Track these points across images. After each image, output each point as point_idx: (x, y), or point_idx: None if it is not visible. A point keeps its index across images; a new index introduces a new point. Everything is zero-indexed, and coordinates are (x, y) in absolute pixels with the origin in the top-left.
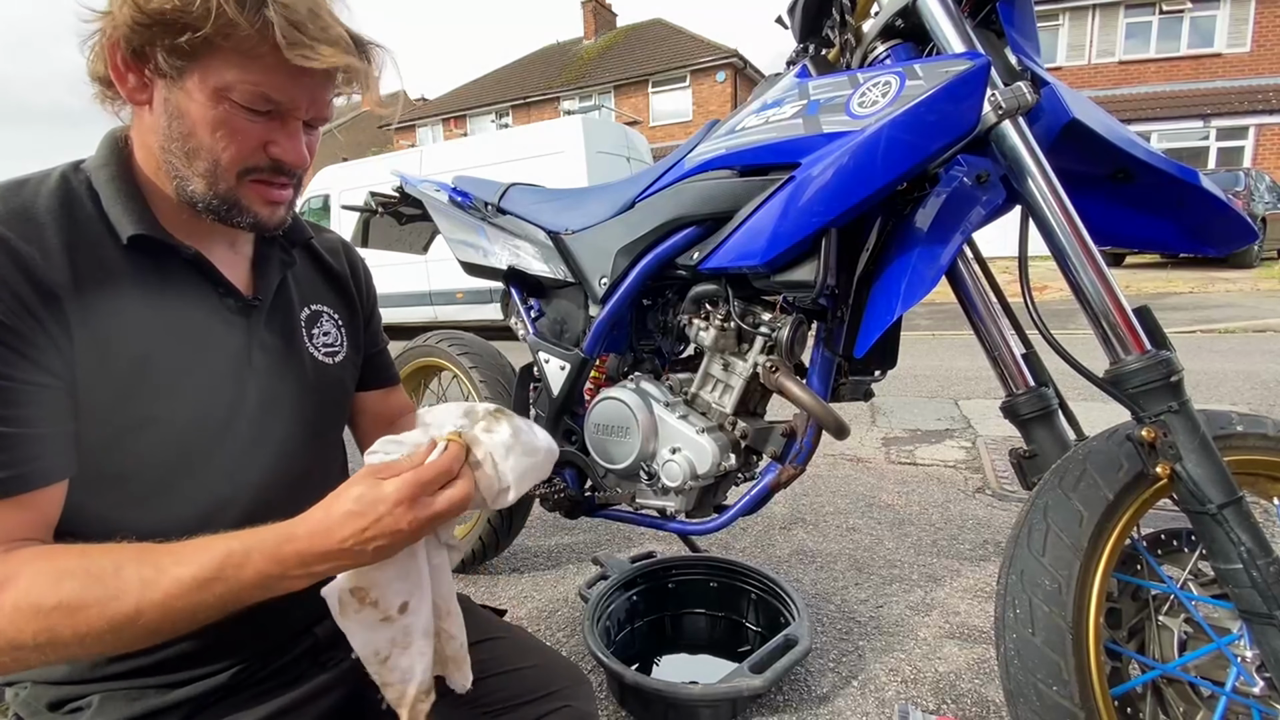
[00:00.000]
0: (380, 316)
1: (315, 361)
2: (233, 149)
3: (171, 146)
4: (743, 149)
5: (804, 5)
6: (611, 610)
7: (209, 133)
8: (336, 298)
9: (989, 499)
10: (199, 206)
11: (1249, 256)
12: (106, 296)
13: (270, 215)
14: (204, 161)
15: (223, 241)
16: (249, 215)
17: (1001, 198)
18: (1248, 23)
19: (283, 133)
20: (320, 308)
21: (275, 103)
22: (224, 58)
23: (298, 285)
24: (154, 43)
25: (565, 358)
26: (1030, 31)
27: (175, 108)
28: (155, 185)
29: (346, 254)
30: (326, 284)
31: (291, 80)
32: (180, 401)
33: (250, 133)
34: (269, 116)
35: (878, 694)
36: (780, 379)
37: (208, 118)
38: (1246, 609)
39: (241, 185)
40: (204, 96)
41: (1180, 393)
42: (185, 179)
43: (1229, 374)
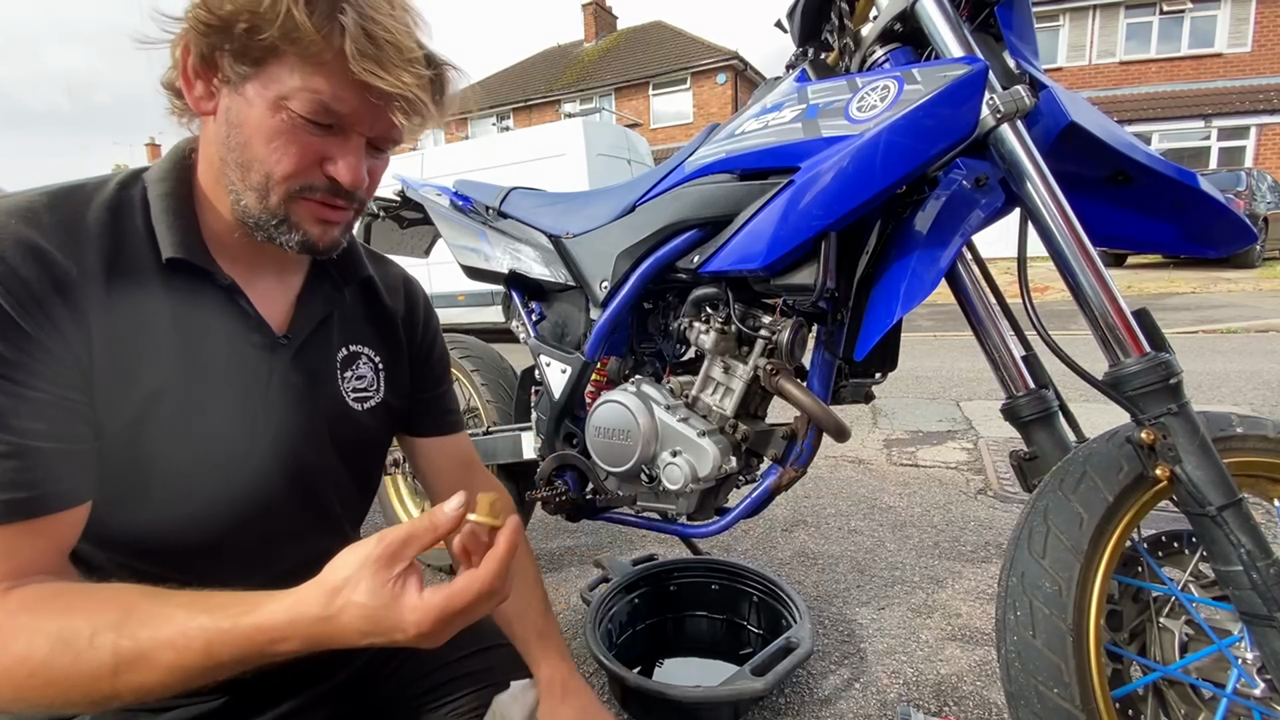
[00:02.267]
0: (444, 352)
1: (344, 405)
2: (286, 162)
3: (229, 157)
4: (742, 153)
5: (803, 9)
6: (613, 613)
7: (264, 143)
8: (381, 339)
9: (991, 500)
10: (249, 223)
11: (1251, 256)
12: (135, 318)
13: (321, 235)
14: (257, 174)
15: (271, 270)
16: (298, 233)
17: (1000, 201)
18: (1248, 23)
19: (342, 150)
20: (360, 349)
21: (337, 115)
22: (288, 64)
23: (342, 322)
24: (221, 47)
25: (566, 361)
26: (1029, 35)
27: (235, 116)
28: (212, 202)
29: (407, 291)
30: (374, 324)
31: (356, 94)
32: (187, 432)
33: (307, 147)
34: (329, 131)
35: (880, 696)
36: (781, 382)
37: (264, 127)
38: (1246, 611)
39: (293, 203)
40: (263, 104)
41: (1179, 395)
42: (239, 193)
43: (1231, 374)
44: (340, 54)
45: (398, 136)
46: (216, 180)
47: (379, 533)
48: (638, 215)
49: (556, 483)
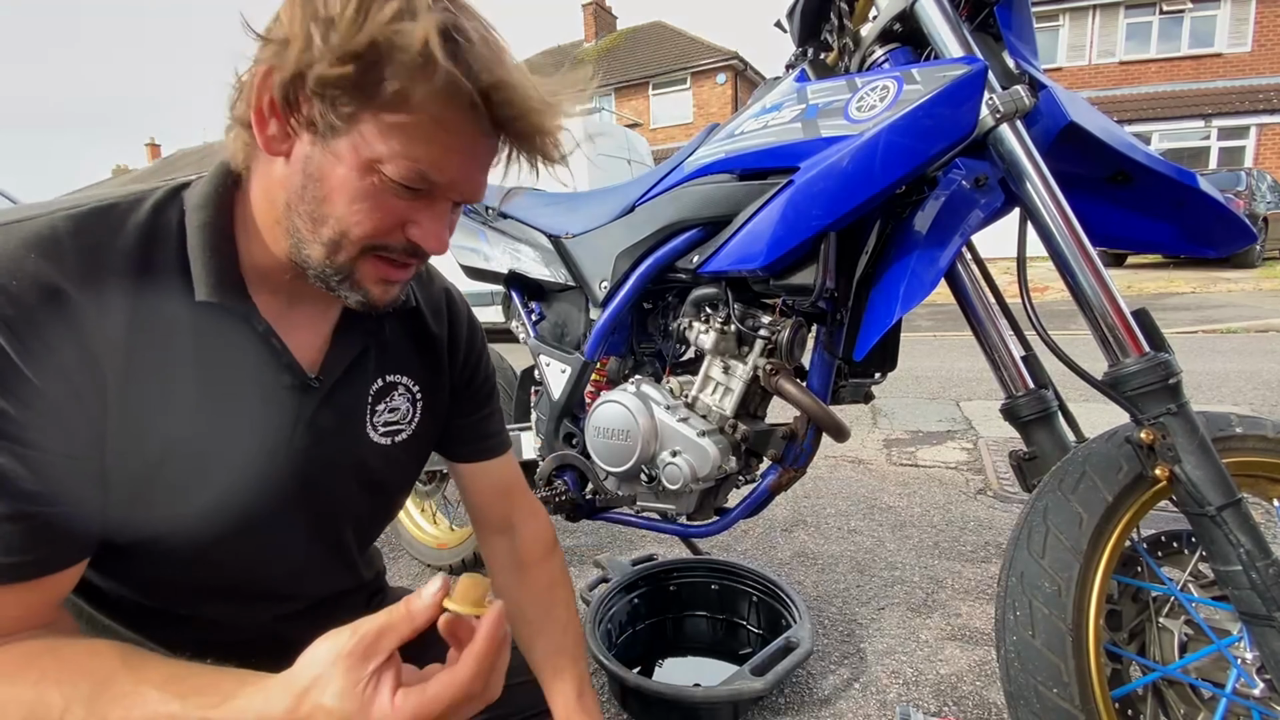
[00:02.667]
0: (490, 374)
1: (370, 442)
2: (368, 225)
3: (300, 207)
4: (742, 153)
5: (803, 9)
6: (613, 613)
7: (347, 203)
8: (422, 367)
9: (991, 500)
10: (310, 274)
11: (1251, 256)
12: (159, 362)
13: (382, 295)
14: (331, 230)
15: (309, 306)
16: (359, 292)
17: (1000, 201)
18: (1248, 22)
19: (428, 214)
20: (397, 379)
21: (431, 183)
22: (389, 126)
23: (380, 353)
24: (315, 93)
25: (566, 361)
26: (1028, 35)
27: (316, 168)
28: (259, 237)
29: (450, 312)
30: (415, 351)
31: (458, 159)
32: (206, 478)
33: (392, 211)
34: (417, 195)
35: (879, 696)
36: (780, 382)
37: (351, 188)
38: (1246, 611)
39: (363, 260)
40: (354, 163)
41: (1179, 395)
42: (304, 243)
43: (1231, 374)
44: (451, 118)
45: (481, 196)
46: (274, 220)
47: (354, 624)
48: (637, 215)
49: (556, 483)
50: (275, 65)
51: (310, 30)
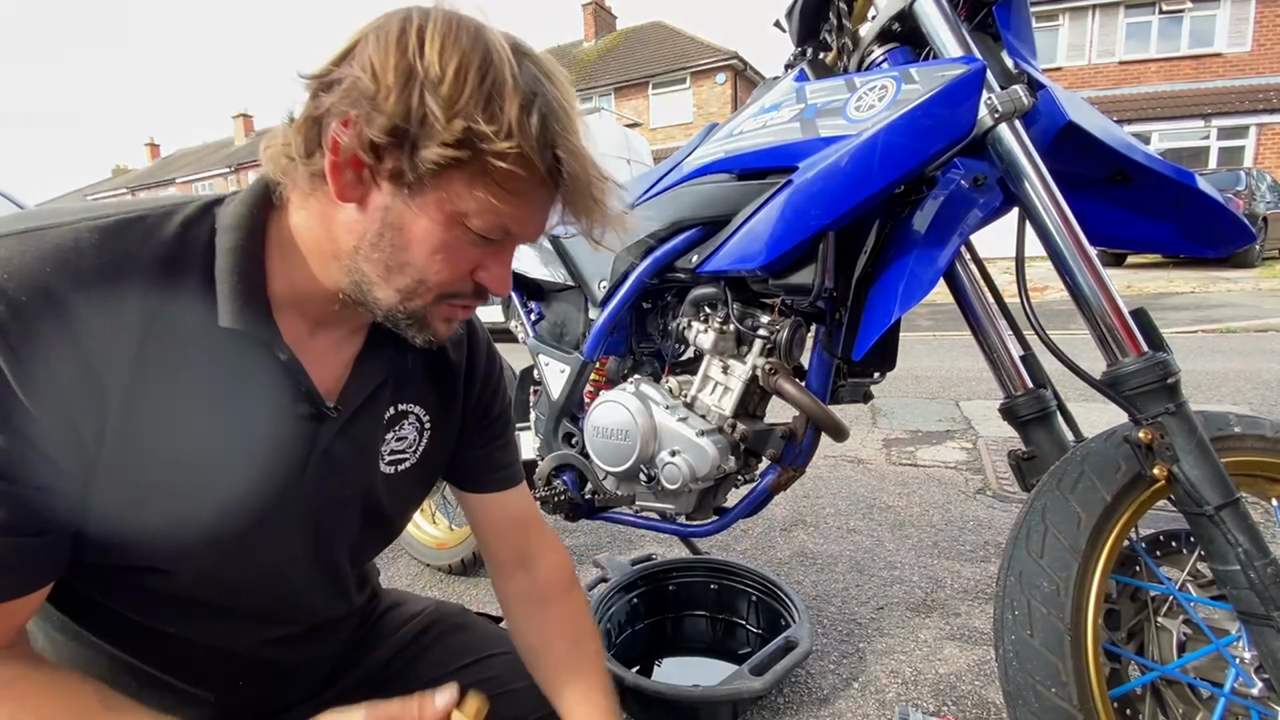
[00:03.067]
0: (506, 406)
1: (378, 471)
2: (446, 273)
3: (373, 255)
4: (740, 153)
5: (801, 9)
6: (612, 613)
7: (428, 254)
8: (435, 396)
9: (990, 500)
10: (377, 314)
11: (1250, 256)
12: (170, 385)
13: (446, 332)
14: (408, 279)
15: (332, 333)
16: (426, 331)
17: (999, 200)
18: (1248, 22)
19: (496, 259)
20: (408, 407)
21: (509, 235)
22: (480, 185)
23: (396, 381)
24: (403, 147)
25: (565, 361)
26: (1027, 35)
27: (397, 218)
28: (300, 264)
29: (470, 341)
30: (430, 380)
31: (534, 214)
32: (209, 504)
33: (468, 258)
34: (489, 243)
35: (878, 696)
36: (779, 381)
37: (434, 240)
38: (1244, 610)
39: (435, 305)
40: (439, 217)
41: (1177, 394)
42: (372, 286)
43: (1231, 374)
44: (537, 183)
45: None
46: (331, 255)
47: (368, 704)
48: (636, 215)
49: (555, 482)
50: (361, 118)
51: (407, 90)
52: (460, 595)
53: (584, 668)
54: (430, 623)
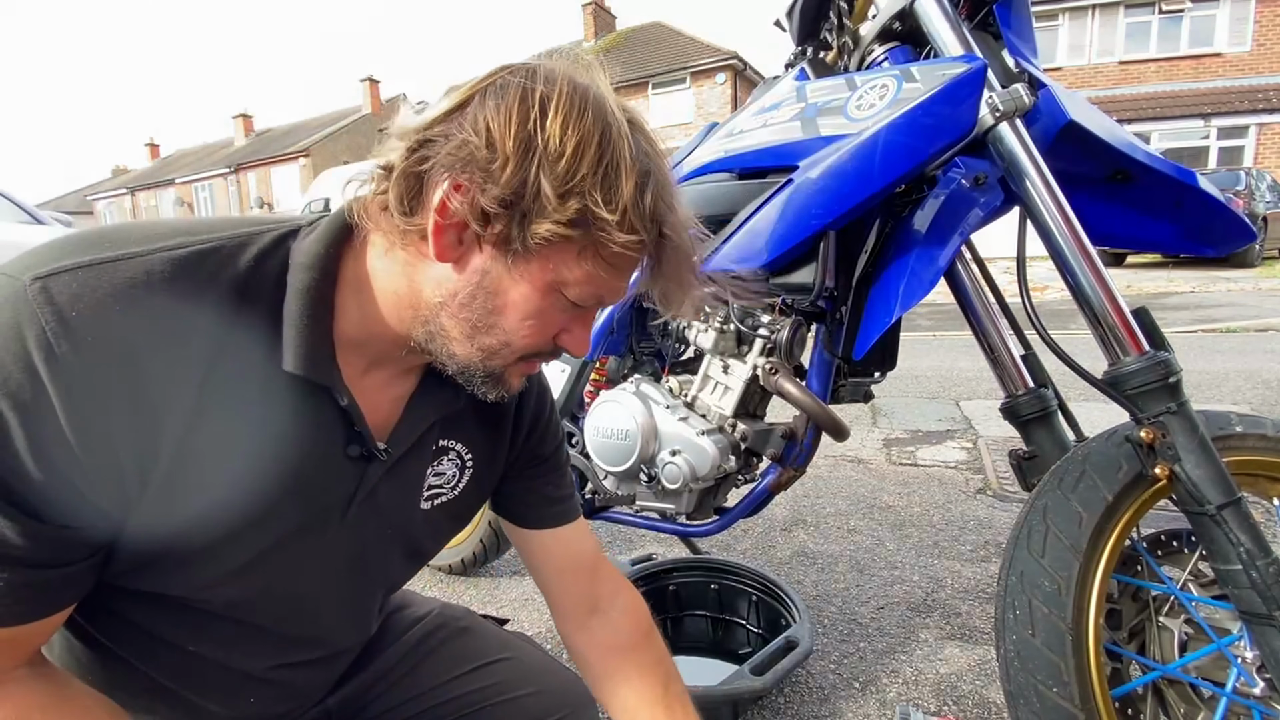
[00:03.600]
0: (559, 448)
1: (417, 510)
2: (535, 338)
3: (462, 314)
4: (741, 152)
5: (802, 8)
6: None
7: (520, 319)
8: (481, 431)
9: (990, 500)
10: (449, 368)
11: (1250, 256)
12: (221, 425)
13: (517, 388)
14: (494, 340)
15: (388, 372)
16: (501, 388)
17: (999, 199)
18: (1248, 22)
19: (581, 323)
20: (450, 444)
21: (603, 302)
22: (588, 258)
23: (444, 420)
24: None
25: (565, 360)
26: (1027, 33)
27: (494, 283)
28: (376, 310)
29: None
30: (478, 419)
31: (624, 282)
32: (253, 541)
33: (556, 323)
34: (580, 309)
35: (879, 695)
36: (779, 381)
37: (529, 307)
38: (1246, 610)
39: (515, 364)
40: (539, 286)
41: (1178, 393)
42: (449, 340)
43: (1231, 373)
44: (639, 258)
45: None
46: (409, 305)
47: None
48: None
49: None
50: (475, 185)
51: (526, 163)
52: (461, 595)
53: (678, 713)
54: (435, 627)
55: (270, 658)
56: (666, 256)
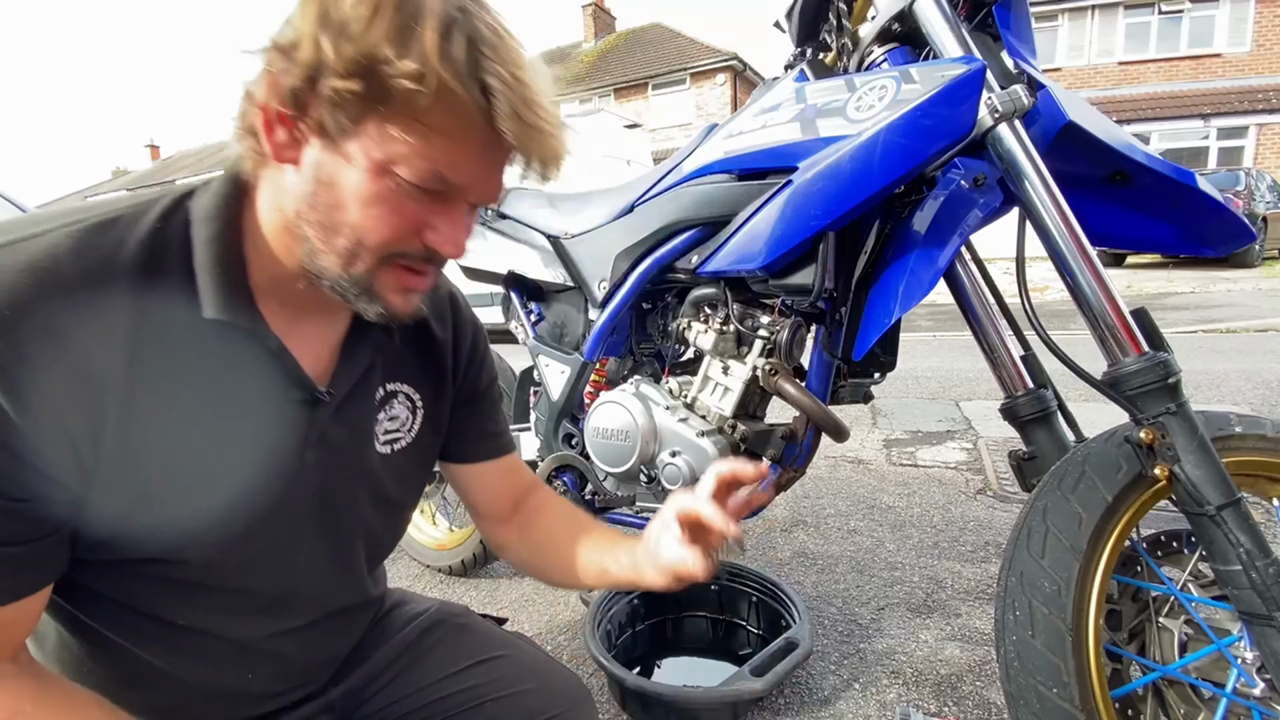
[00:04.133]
0: (493, 381)
1: (375, 453)
2: (384, 231)
3: (311, 216)
4: (740, 153)
5: (801, 9)
6: (613, 614)
7: (360, 209)
8: (425, 373)
9: (990, 500)
10: (325, 284)
11: (1250, 256)
12: (160, 385)
13: (403, 305)
14: (345, 239)
15: (316, 317)
16: (379, 303)
17: (999, 200)
18: (1247, 22)
19: (445, 217)
20: (398, 387)
21: (448, 184)
22: (401, 123)
23: (384, 362)
24: (325, 96)
25: (565, 361)
26: (1026, 35)
27: (327, 174)
28: (270, 249)
29: (454, 315)
30: (418, 357)
31: (475, 159)
32: (216, 497)
33: (410, 216)
34: (435, 198)
35: (879, 696)
36: (779, 382)
37: (364, 192)
38: (1246, 610)
39: (381, 269)
40: (366, 167)
41: (1178, 394)
42: (317, 253)
43: (1231, 374)
44: (467, 118)
45: (500, 198)
46: (284, 228)
47: None
48: (636, 216)
49: (555, 483)
50: (283, 71)
51: (319, 35)
52: (461, 597)
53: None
54: (434, 623)
55: (260, 624)
56: (503, 114)
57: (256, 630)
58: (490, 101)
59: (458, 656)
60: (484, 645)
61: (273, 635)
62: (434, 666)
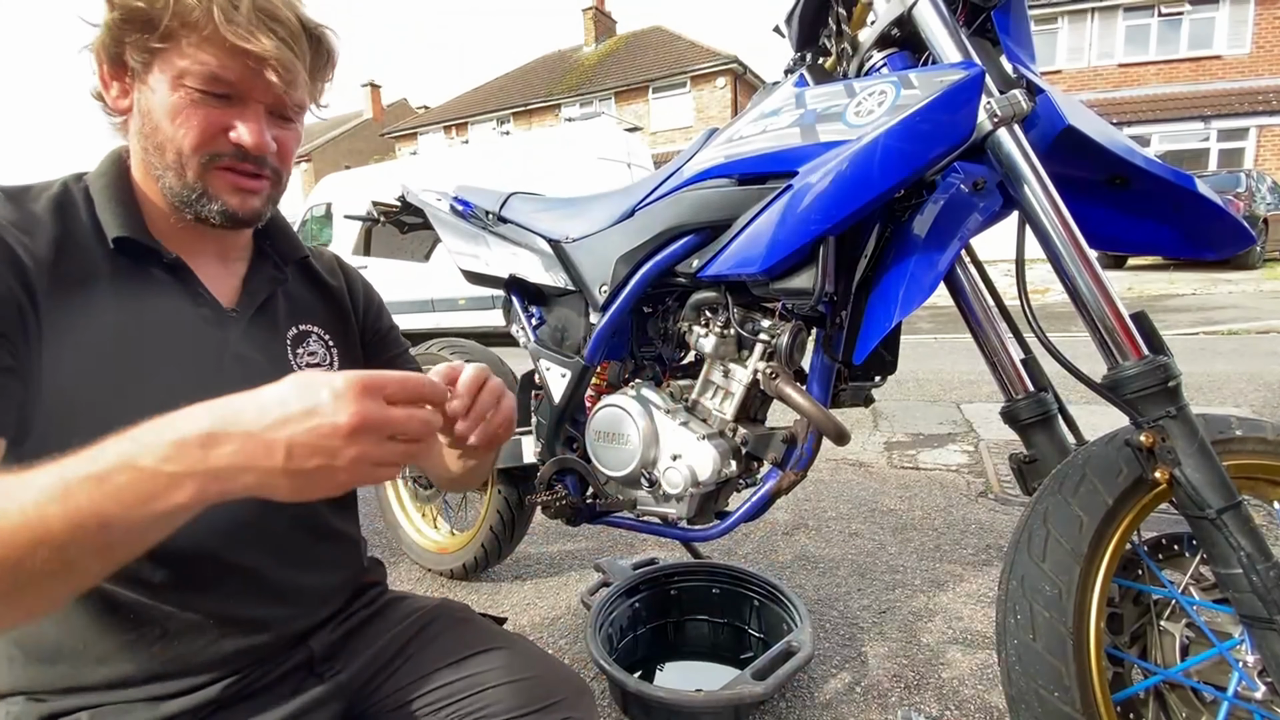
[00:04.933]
0: (393, 324)
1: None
2: (192, 134)
3: (147, 144)
4: (741, 157)
5: (801, 14)
6: (614, 617)
7: (169, 121)
8: (329, 316)
9: (992, 503)
10: (177, 203)
11: (1251, 258)
12: (85, 296)
13: (241, 205)
14: (171, 152)
15: (214, 253)
16: (217, 203)
17: (998, 204)
18: (1247, 24)
19: (242, 117)
20: (309, 327)
21: (229, 85)
22: (180, 46)
23: (288, 303)
24: (123, 42)
25: (566, 365)
26: (1025, 39)
27: (144, 104)
28: (147, 194)
29: (343, 270)
30: (320, 302)
31: (237, 61)
32: (138, 403)
33: (209, 118)
34: (229, 102)
35: (880, 700)
36: (780, 385)
37: (168, 106)
38: (1247, 614)
39: (208, 173)
40: (165, 86)
41: (1178, 397)
42: (161, 174)
43: (1232, 376)
44: (211, 29)
45: (295, 99)
46: (146, 170)
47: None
48: (637, 220)
49: (556, 486)
50: (101, 41)
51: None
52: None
53: None
54: (435, 616)
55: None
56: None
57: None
58: (214, 11)
59: (457, 647)
60: (482, 638)
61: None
62: (436, 655)
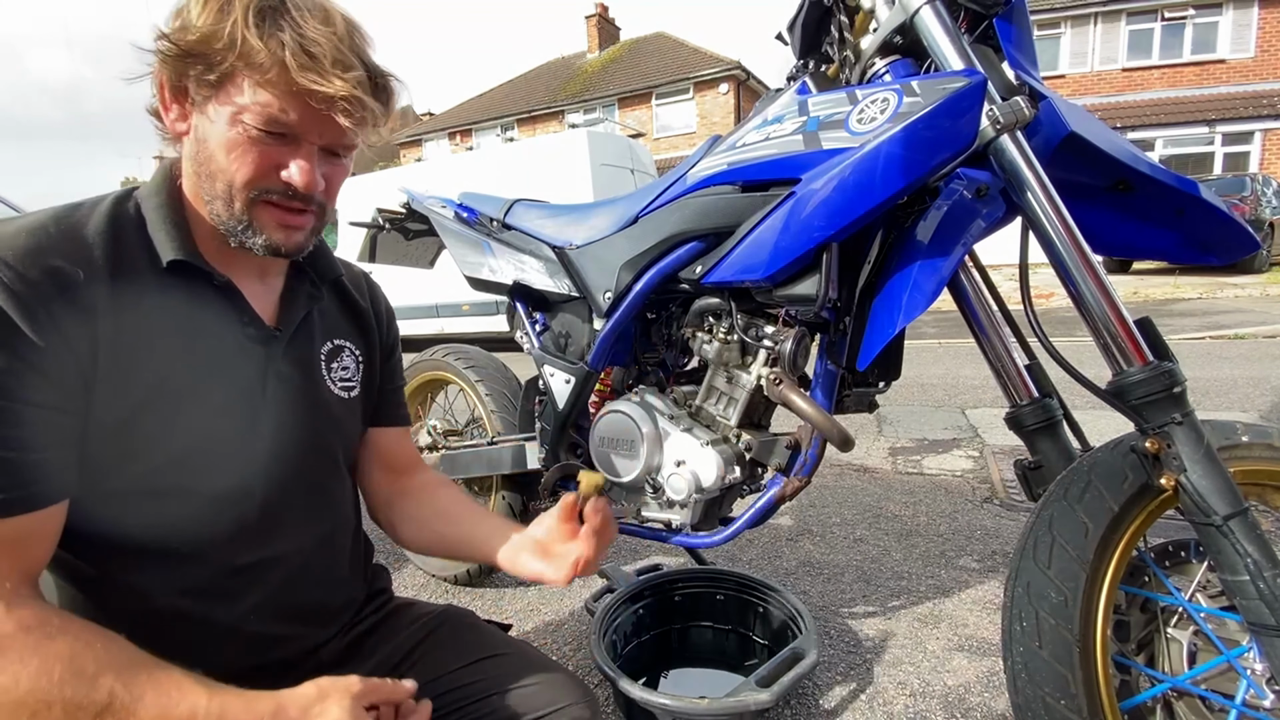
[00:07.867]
0: (400, 356)
1: (332, 394)
2: (245, 170)
3: (200, 170)
4: (744, 165)
5: (803, 22)
6: (618, 624)
7: (224, 154)
8: (358, 333)
9: (997, 509)
10: (221, 229)
11: (1258, 262)
12: (138, 318)
13: (286, 240)
14: (221, 183)
15: (254, 273)
16: (262, 236)
17: (1001, 210)
18: (1250, 28)
19: (294, 156)
20: (342, 343)
21: (286, 125)
22: (242, 83)
23: (322, 320)
24: (187, 74)
25: (570, 371)
26: (1028, 46)
27: (202, 133)
28: (197, 213)
29: (370, 289)
30: (350, 319)
31: (300, 104)
32: (190, 424)
33: (263, 155)
34: (283, 140)
35: (886, 708)
36: (784, 391)
37: (224, 139)
38: (1254, 621)
39: (255, 207)
40: (224, 120)
41: (1183, 404)
42: (210, 202)
43: (1239, 380)
44: (283, 67)
45: (348, 141)
46: (196, 193)
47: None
48: (641, 226)
49: (560, 492)
50: (161, 63)
51: (174, 34)
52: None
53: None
54: (440, 623)
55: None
56: (293, 63)
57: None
58: (285, 55)
59: (464, 652)
60: (487, 644)
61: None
62: (437, 661)
